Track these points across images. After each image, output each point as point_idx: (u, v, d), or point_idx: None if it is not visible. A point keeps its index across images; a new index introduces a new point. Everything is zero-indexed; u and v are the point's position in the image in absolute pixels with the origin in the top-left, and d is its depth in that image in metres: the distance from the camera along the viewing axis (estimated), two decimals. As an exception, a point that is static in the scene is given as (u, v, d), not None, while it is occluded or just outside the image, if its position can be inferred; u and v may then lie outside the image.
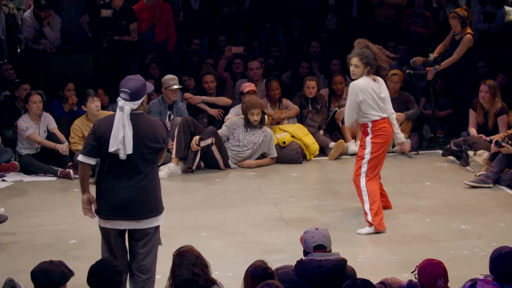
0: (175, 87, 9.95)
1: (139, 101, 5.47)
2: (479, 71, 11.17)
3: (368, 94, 7.41)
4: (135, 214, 5.47)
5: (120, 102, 5.44)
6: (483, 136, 9.69)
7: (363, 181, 7.51)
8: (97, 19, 11.07)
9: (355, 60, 7.48)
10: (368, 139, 7.49)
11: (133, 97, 5.43)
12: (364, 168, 7.52)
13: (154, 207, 5.54)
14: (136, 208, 5.46)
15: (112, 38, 11.08)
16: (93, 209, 5.58)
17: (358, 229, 7.45)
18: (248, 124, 9.81)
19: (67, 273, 4.70)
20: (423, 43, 12.53)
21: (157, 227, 5.63)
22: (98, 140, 5.46)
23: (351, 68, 7.53)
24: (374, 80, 7.55)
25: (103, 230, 5.61)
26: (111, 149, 5.36)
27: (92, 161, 5.53)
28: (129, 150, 5.37)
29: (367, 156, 7.49)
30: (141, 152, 5.43)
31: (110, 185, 5.48)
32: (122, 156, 5.38)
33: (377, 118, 7.46)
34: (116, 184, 5.47)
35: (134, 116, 5.43)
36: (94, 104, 9.46)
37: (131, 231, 5.57)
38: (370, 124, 7.45)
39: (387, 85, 10.82)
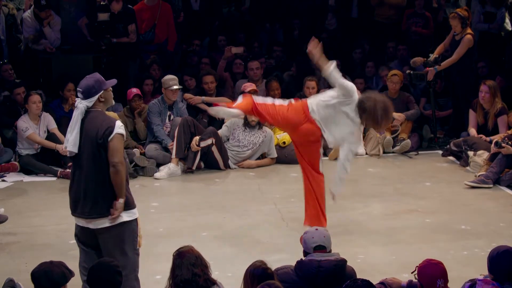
0: (175, 87, 9.95)
1: (94, 98, 5.48)
2: (479, 72, 11.17)
3: None
4: (83, 212, 5.46)
5: (77, 101, 5.52)
6: (483, 137, 9.69)
7: None
8: (95, 22, 11.07)
9: None
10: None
11: (85, 95, 5.48)
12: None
13: (105, 207, 5.41)
14: (84, 206, 5.44)
15: (110, 41, 11.07)
16: None
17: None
18: (247, 124, 9.81)
19: (67, 274, 4.70)
20: (423, 43, 12.53)
21: (115, 227, 5.44)
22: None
23: None
24: None
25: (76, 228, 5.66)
26: (63, 147, 5.53)
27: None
28: (71, 148, 5.42)
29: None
30: (89, 150, 5.41)
31: (71, 182, 5.57)
32: (71, 153, 5.46)
33: None
34: (73, 181, 5.54)
35: (87, 114, 5.46)
36: (93, 105, 9.47)
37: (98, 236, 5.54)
38: None
39: (387, 85, 10.92)
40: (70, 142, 5.44)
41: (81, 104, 5.46)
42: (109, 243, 5.44)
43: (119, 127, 5.40)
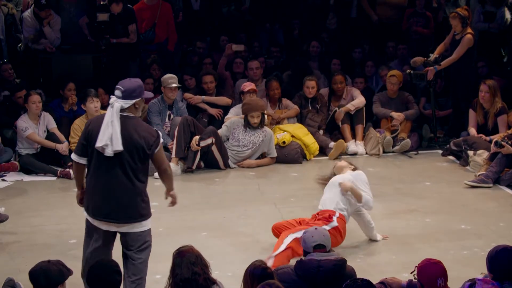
0: (174, 85, 9.95)
1: (131, 101, 5.44)
2: (479, 71, 11.17)
3: None
4: (115, 218, 5.44)
5: (112, 99, 5.45)
6: (483, 136, 9.69)
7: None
8: (94, 23, 11.07)
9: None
10: None
11: (125, 95, 5.43)
12: None
13: (138, 213, 5.46)
14: (117, 211, 5.42)
15: (109, 42, 11.07)
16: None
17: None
18: (248, 125, 9.82)
19: (65, 272, 4.69)
20: (423, 43, 12.53)
21: (143, 232, 5.53)
22: (88, 138, 5.44)
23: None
24: None
25: (90, 227, 5.59)
26: (98, 144, 5.32)
27: (83, 161, 5.51)
28: (118, 147, 5.31)
29: None
30: (128, 153, 5.37)
31: (95, 184, 5.45)
32: (109, 153, 5.34)
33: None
34: (100, 183, 5.44)
35: (125, 118, 5.39)
36: (93, 105, 9.48)
37: (121, 235, 5.55)
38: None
39: (386, 86, 10.92)
40: (116, 142, 5.31)
41: (117, 103, 5.41)
42: (134, 245, 5.50)
43: (161, 137, 5.57)
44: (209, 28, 13.05)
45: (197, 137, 9.50)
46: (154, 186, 9.12)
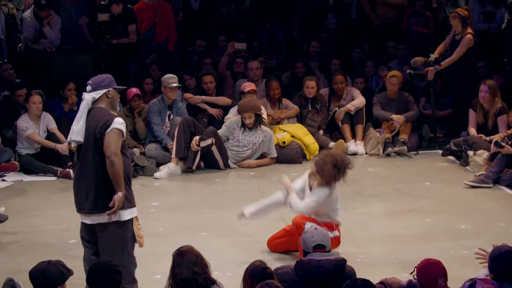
0: (174, 85, 9.96)
1: (101, 91, 5.52)
2: (479, 71, 11.17)
3: None
4: (84, 208, 5.50)
5: (84, 94, 5.56)
6: (483, 136, 9.69)
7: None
8: (95, 23, 11.07)
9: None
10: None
11: (94, 87, 5.53)
12: None
13: (105, 204, 5.42)
14: (85, 201, 5.48)
15: (110, 42, 11.08)
16: None
17: None
18: (244, 126, 9.82)
19: (65, 273, 4.69)
20: (424, 43, 12.53)
21: (113, 224, 5.46)
22: None
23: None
24: None
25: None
26: (68, 139, 5.55)
27: None
28: (76, 137, 5.44)
29: None
30: (90, 144, 5.45)
31: (75, 179, 5.62)
32: (73, 145, 5.52)
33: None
34: (76, 177, 5.61)
35: (90, 110, 5.49)
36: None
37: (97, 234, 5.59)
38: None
39: (386, 86, 10.92)
40: (76, 132, 5.45)
41: (88, 95, 5.50)
42: (106, 240, 5.46)
43: (118, 123, 5.41)
44: (208, 28, 13.05)
45: (197, 138, 9.50)
46: (154, 186, 9.15)
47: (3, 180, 9.35)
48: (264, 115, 10.07)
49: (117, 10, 11.07)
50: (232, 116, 10.19)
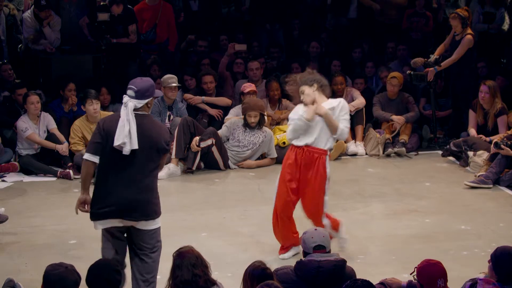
0: (174, 85, 9.96)
1: (144, 101, 5.51)
2: (479, 72, 11.17)
3: None
4: (130, 215, 5.48)
5: (125, 98, 5.51)
6: (483, 137, 9.69)
7: (326, 220, 6.74)
8: (95, 22, 11.07)
9: (306, 88, 6.69)
10: (328, 170, 6.70)
11: (138, 95, 5.49)
12: (326, 206, 6.75)
13: (153, 210, 5.55)
14: (136, 208, 5.47)
15: (110, 42, 11.08)
16: (87, 208, 5.60)
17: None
18: (247, 125, 9.82)
19: (79, 281, 4.69)
20: (423, 43, 12.53)
21: (156, 231, 5.64)
22: (103, 137, 5.48)
23: (302, 97, 6.70)
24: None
25: (104, 230, 5.62)
26: (116, 142, 5.37)
27: (96, 159, 5.52)
28: (135, 145, 5.39)
29: (327, 190, 6.72)
30: (145, 151, 5.45)
31: (111, 182, 5.48)
32: (127, 151, 5.39)
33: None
34: (117, 182, 5.47)
35: (139, 116, 5.47)
36: (92, 107, 9.46)
37: (132, 234, 5.58)
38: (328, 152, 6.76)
39: (386, 87, 10.92)
40: (132, 139, 5.38)
41: (130, 102, 5.47)
42: (147, 246, 5.59)
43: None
44: (208, 28, 13.05)
45: (197, 138, 9.50)
46: (154, 187, 9.13)
47: (3, 180, 9.35)
48: (265, 116, 10.08)
49: (117, 11, 11.08)
50: (232, 117, 10.19)
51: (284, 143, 10.00)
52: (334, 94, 10.88)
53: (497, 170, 8.91)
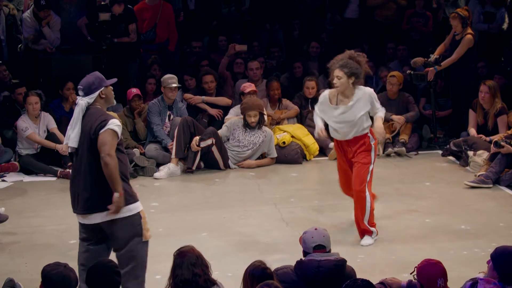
0: (174, 85, 9.96)
1: (94, 95, 5.55)
2: (479, 72, 11.17)
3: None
4: (79, 208, 5.54)
5: (78, 98, 5.57)
6: (483, 136, 9.68)
7: (367, 192, 7.22)
8: (96, 22, 11.07)
9: (338, 72, 7.11)
10: (373, 144, 7.29)
11: (86, 91, 5.55)
12: (369, 177, 7.27)
13: (100, 203, 5.46)
14: (80, 202, 5.51)
15: (111, 41, 11.08)
16: None
17: (361, 242, 7.22)
18: (247, 125, 9.82)
19: (77, 279, 4.72)
20: (423, 43, 12.53)
21: (118, 220, 5.51)
22: None
23: (334, 80, 7.13)
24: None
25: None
26: (63, 143, 5.68)
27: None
28: (73, 143, 5.48)
29: (372, 164, 7.31)
30: (85, 145, 5.47)
31: (71, 180, 5.64)
32: (70, 149, 5.54)
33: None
34: (72, 178, 5.62)
35: (87, 111, 5.52)
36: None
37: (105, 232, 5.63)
38: (369, 130, 7.27)
39: (386, 86, 10.92)
40: (72, 138, 5.49)
41: (82, 101, 5.52)
42: (113, 236, 5.54)
43: (113, 124, 5.43)
44: (205, 28, 13.05)
45: (197, 138, 9.50)
46: (154, 187, 9.15)
47: (3, 180, 9.35)
48: (265, 116, 10.07)
49: (118, 11, 11.09)
50: (232, 117, 10.19)
51: (284, 142, 10.00)
52: (334, 94, 10.92)
53: (497, 169, 8.91)
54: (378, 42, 12.74)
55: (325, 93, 7.36)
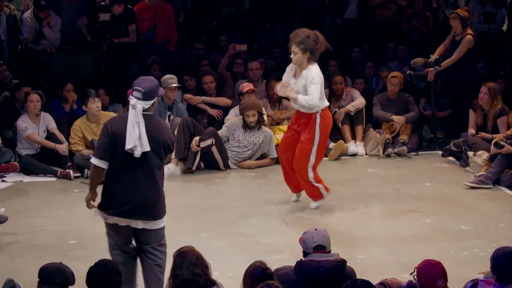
0: (174, 85, 9.96)
1: (151, 101, 5.55)
2: (479, 72, 11.17)
3: (321, 82, 7.89)
4: (145, 214, 5.52)
5: (133, 100, 5.49)
6: (484, 135, 9.65)
7: (311, 174, 7.84)
8: (96, 23, 11.08)
9: (294, 47, 7.73)
10: (317, 127, 7.77)
11: (146, 96, 5.50)
12: (312, 159, 7.80)
13: (161, 209, 5.61)
14: (147, 208, 5.52)
15: (111, 42, 11.09)
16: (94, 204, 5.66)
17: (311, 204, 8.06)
18: (246, 125, 9.82)
19: (74, 277, 4.73)
20: (423, 43, 12.53)
21: (162, 229, 5.71)
22: (111, 140, 5.48)
23: (291, 55, 7.81)
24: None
25: (111, 227, 5.62)
26: (128, 146, 5.38)
27: (104, 165, 5.52)
28: (146, 148, 5.41)
29: (315, 147, 7.79)
30: (154, 151, 5.48)
31: (122, 183, 5.50)
32: (138, 153, 5.41)
33: (324, 106, 7.87)
34: (127, 182, 5.50)
35: (146, 117, 5.48)
36: (94, 105, 9.48)
37: (139, 231, 5.60)
38: (319, 112, 7.77)
39: (386, 87, 10.93)
40: (144, 143, 5.40)
41: (139, 104, 5.47)
42: (154, 241, 5.63)
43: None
44: (203, 27, 13.04)
45: (197, 138, 9.50)
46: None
47: (3, 181, 9.35)
48: (265, 116, 10.07)
49: (118, 11, 11.10)
50: (232, 117, 10.19)
51: (284, 143, 10.00)
52: (333, 94, 10.93)
53: (497, 170, 8.91)
54: (378, 42, 12.74)
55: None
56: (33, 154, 9.69)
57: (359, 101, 10.68)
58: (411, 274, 4.86)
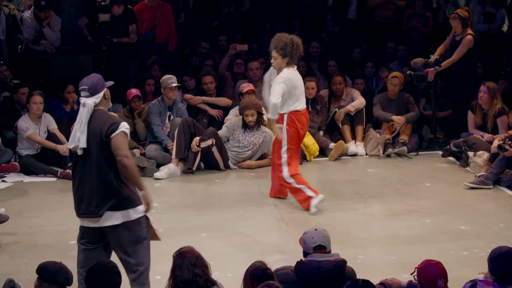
0: (174, 85, 9.96)
1: (100, 94, 5.53)
2: (478, 72, 11.17)
3: (290, 85, 7.96)
4: (89, 212, 5.48)
5: (82, 99, 5.51)
6: (485, 134, 9.66)
7: (285, 171, 7.99)
8: (95, 23, 11.08)
9: (274, 53, 8.00)
10: (283, 129, 7.97)
11: (92, 91, 5.51)
12: (284, 157, 7.99)
13: (110, 206, 5.46)
14: (89, 205, 5.46)
15: (111, 42, 11.09)
16: None
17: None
18: (245, 125, 9.82)
19: (71, 277, 4.74)
20: (423, 44, 12.53)
21: (127, 223, 5.51)
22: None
23: (271, 60, 8.11)
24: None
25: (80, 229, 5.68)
26: (70, 145, 5.50)
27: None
28: (82, 144, 5.41)
29: (284, 147, 7.99)
30: (95, 149, 5.43)
31: (77, 183, 5.54)
32: (79, 151, 5.45)
33: (293, 109, 8.00)
34: (76, 181, 5.53)
35: (93, 113, 5.48)
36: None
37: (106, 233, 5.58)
38: (287, 114, 7.97)
39: (386, 87, 10.94)
40: (81, 140, 5.42)
41: (89, 101, 5.48)
42: (119, 241, 5.50)
43: (124, 127, 5.46)
44: (205, 27, 13.04)
45: (197, 138, 9.50)
46: (154, 187, 9.14)
47: (4, 181, 9.35)
48: (264, 116, 10.07)
49: (118, 11, 11.09)
50: (232, 117, 10.19)
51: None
52: (333, 94, 10.94)
53: (497, 170, 8.90)
54: (378, 42, 12.74)
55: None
56: (34, 154, 9.69)
57: (359, 101, 10.68)
58: (411, 274, 4.87)
